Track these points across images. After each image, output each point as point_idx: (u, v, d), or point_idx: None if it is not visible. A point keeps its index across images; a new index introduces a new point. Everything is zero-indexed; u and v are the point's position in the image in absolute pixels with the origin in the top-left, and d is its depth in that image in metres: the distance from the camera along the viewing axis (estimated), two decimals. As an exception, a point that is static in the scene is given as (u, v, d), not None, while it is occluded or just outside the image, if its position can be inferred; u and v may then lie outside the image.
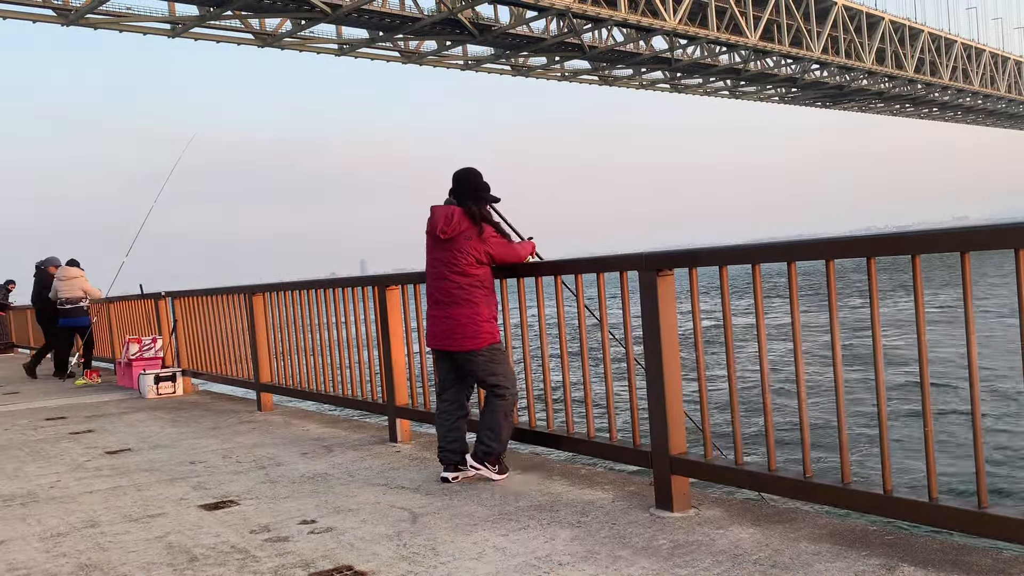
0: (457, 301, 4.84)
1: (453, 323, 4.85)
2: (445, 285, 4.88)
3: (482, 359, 4.85)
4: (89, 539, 4.32)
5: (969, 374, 3.11)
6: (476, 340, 4.82)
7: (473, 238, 4.82)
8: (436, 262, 4.95)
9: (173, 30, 58.89)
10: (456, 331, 4.84)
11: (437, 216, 4.91)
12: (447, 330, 4.88)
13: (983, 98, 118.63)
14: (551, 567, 3.44)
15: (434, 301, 4.98)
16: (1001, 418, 13.41)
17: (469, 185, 4.94)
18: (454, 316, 4.85)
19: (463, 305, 4.84)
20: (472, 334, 4.82)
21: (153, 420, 8.52)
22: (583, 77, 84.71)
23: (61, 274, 13.34)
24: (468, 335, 4.82)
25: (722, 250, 4.01)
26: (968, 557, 3.20)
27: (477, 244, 4.82)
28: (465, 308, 4.83)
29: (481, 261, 4.84)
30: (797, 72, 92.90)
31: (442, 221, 4.85)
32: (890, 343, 20.13)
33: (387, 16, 63.60)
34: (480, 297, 4.85)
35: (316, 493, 4.98)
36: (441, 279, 4.90)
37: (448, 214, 4.85)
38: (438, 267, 4.93)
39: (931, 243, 3.25)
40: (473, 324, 4.82)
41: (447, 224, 4.84)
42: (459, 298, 4.84)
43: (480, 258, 4.83)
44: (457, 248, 4.83)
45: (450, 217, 4.84)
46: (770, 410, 3.83)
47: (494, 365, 4.87)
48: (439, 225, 4.86)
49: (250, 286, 8.66)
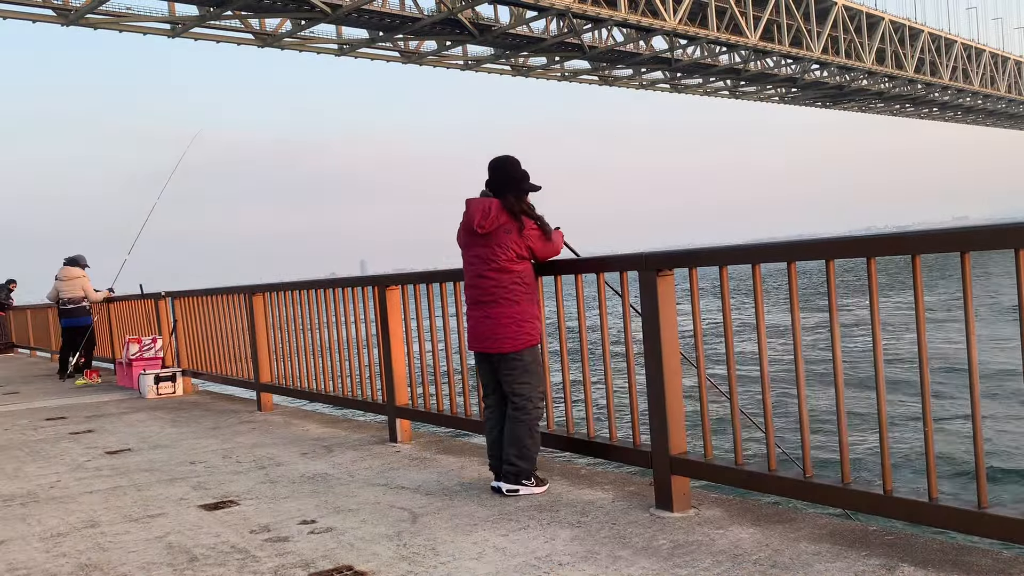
0: (497, 300, 4.55)
1: (492, 323, 4.56)
2: (483, 283, 4.59)
3: (518, 364, 4.56)
4: (89, 539, 4.32)
5: (969, 374, 3.11)
6: (515, 341, 4.54)
7: (513, 232, 4.51)
8: (474, 259, 4.64)
9: (173, 30, 58.88)
10: (496, 332, 4.55)
11: (473, 209, 4.59)
12: (487, 331, 4.59)
13: (983, 98, 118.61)
14: (551, 567, 3.44)
15: (473, 301, 4.68)
16: (999, 419, 13.41)
17: (507, 175, 4.60)
18: (493, 316, 4.56)
19: (503, 304, 4.54)
20: (512, 335, 4.53)
21: (153, 420, 8.52)
22: (583, 77, 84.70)
23: (62, 274, 13.34)
24: (508, 336, 4.53)
25: (722, 250, 4.01)
26: (968, 557, 3.20)
27: (517, 238, 4.51)
28: (505, 307, 4.54)
29: (522, 256, 4.54)
30: (797, 72, 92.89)
31: (479, 215, 4.54)
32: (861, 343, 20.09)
33: (387, 16, 63.59)
34: (521, 295, 4.55)
35: (316, 493, 4.98)
36: (479, 277, 4.60)
37: (485, 207, 4.53)
38: (476, 264, 4.62)
39: (931, 243, 3.25)
40: (514, 324, 4.54)
41: (484, 218, 4.52)
42: (498, 296, 4.54)
43: (521, 253, 4.53)
44: (496, 243, 4.52)
45: (487, 210, 4.52)
46: (770, 410, 3.83)
47: (527, 375, 4.58)
48: (476, 219, 4.54)
49: (250, 286, 8.66)
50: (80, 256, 13.58)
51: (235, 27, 61.16)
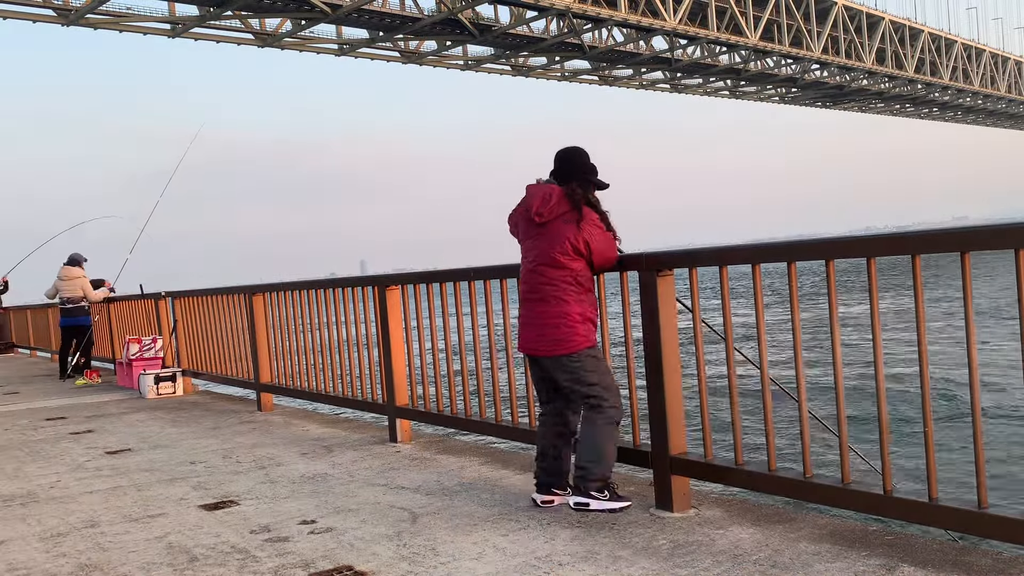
0: (545, 298, 4.17)
1: (539, 323, 4.19)
2: (535, 279, 4.21)
3: (574, 365, 4.15)
4: (89, 539, 4.32)
5: (969, 374, 3.12)
6: (567, 344, 4.13)
7: (572, 224, 4.12)
8: (528, 251, 4.28)
9: (173, 30, 58.90)
10: (544, 333, 4.18)
11: (532, 195, 4.21)
12: (534, 332, 4.22)
13: (983, 98, 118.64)
14: (551, 567, 3.44)
15: (523, 297, 4.31)
16: (997, 418, 13.42)
17: (573, 165, 4.25)
18: (540, 315, 4.19)
19: (551, 302, 4.16)
20: (562, 337, 4.14)
21: (153, 420, 8.52)
22: (583, 77, 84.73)
23: (62, 274, 13.34)
24: (557, 338, 4.15)
25: (722, 250, 4.01)
26: (968, 557, 3.20)
27: (576, 231, 4.11)
28: (553, 306, 4.15)
29: (579, 252, 4.12)
30: (797, 72, 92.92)
31: (538, 201, 4.16)
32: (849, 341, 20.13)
33: (387, 16, 63.62)
34: (572, 295, 4.15)
35: (316, 493, 4.98)
36: (531, 272, 4.23)
37: (546, 193, 4.16)
38: (529, 258, 4.26)
39: (931, 243, 3.26)
40: (565, 325, 4.14)
41: (544, 205, 4.15)
42: (548, 294, 4.16)
43: (579, 248, 4.12)
44: (553, 235, 4.14)
45: (548, 197, 4.15)
46: (770, 410, 3.84)
47: (587, 373, 4.15)
48: (534, 206, 4.16)
49: (250, 286, 8.66)
50: (78, 254, 13.61)
51: (235, 27, 61.20)
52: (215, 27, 60.42)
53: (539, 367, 4.31)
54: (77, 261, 13.44)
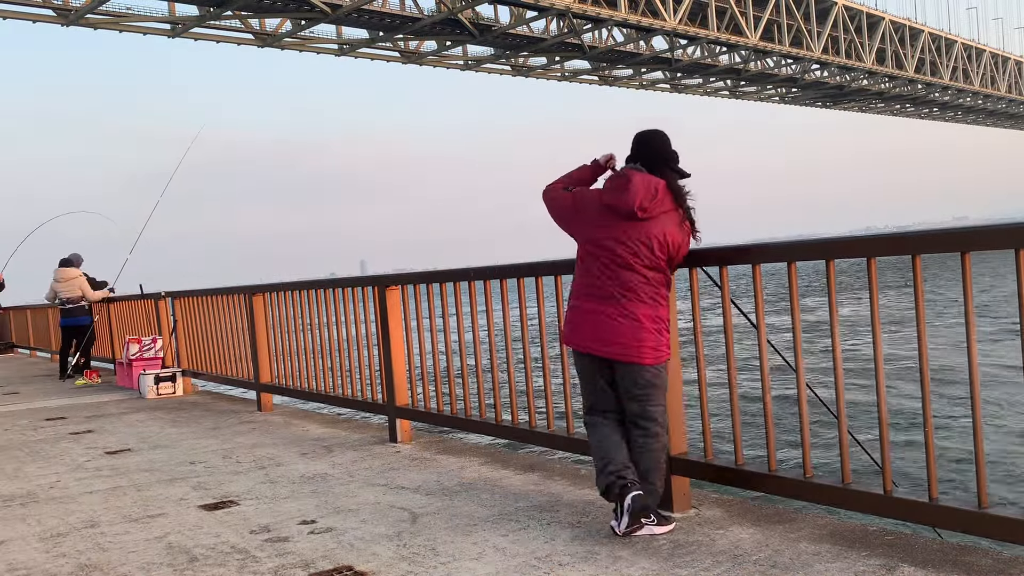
0: (642, 299, 3.78)
1: (631, 325, 3.78)
2: (628, 276, 3.78)
3: (657, 380, 3.84)
4: (89, 539, 4.32)
5: (969, 374, 3.12)
6: (656, 352, 3.82)
7: (672, 222, 3.81)
8: (616, 243, 3.79)
9: (173, 30, 58.91)
10: (638, 335, 3.77)
11: (638, 186, 3.76)
12: (617, 333, 3.79)
13: (983, 98, 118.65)
14: (551, 567, 3.44)
15: (605, 294, 3.82)
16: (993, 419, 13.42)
17: (658, 153, 3.88)
18: (634, 317, 3.77)
19: (648, 304, 3.79)
20: (653, 344, 3.80)
21: (153, 420, 8.52)
22: (583, 77, 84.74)
23: (59, 275, 13.34)
24: (648, 344, 3.78)
25: (722, 250, 4.01)
26: (968, 557, 3.19)
27: (676, 232, 3.81)
28: (649, 309, 3.79)
29: (671, 251, 3.82)
30: (797, 72, 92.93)
31: (645, 194, 3.75)
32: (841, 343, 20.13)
33: (387, 16, 63.64)
34: (663, 297, 3.85)
35: (316, 493, 4.98)
36: (623, 268, 3.78)
37: (653, 187, 3.77)
38: (619, 251, 3.78)
39: (931, 243, 3.26)
40: (657, 331, 3.81)
41: (651, 199, 3.76)
42: (645, 296, 3.79)
43: (675, 249, 3.82)
44: (653, 232, 3.77)
45: (654, 191, 3.76)
46: (770, 410, 3.84)
47: (660, 393, 3.87)
48: (639, 199, 3.74)
49: (250, 286, 8.66)
50: (75, 255, 13.62)
51: (235, 27, 61.22)
52: (215, 27, 60.43)
53: (611, 371, 3.89)
54: (72, 261, 13.44)
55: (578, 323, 3.92)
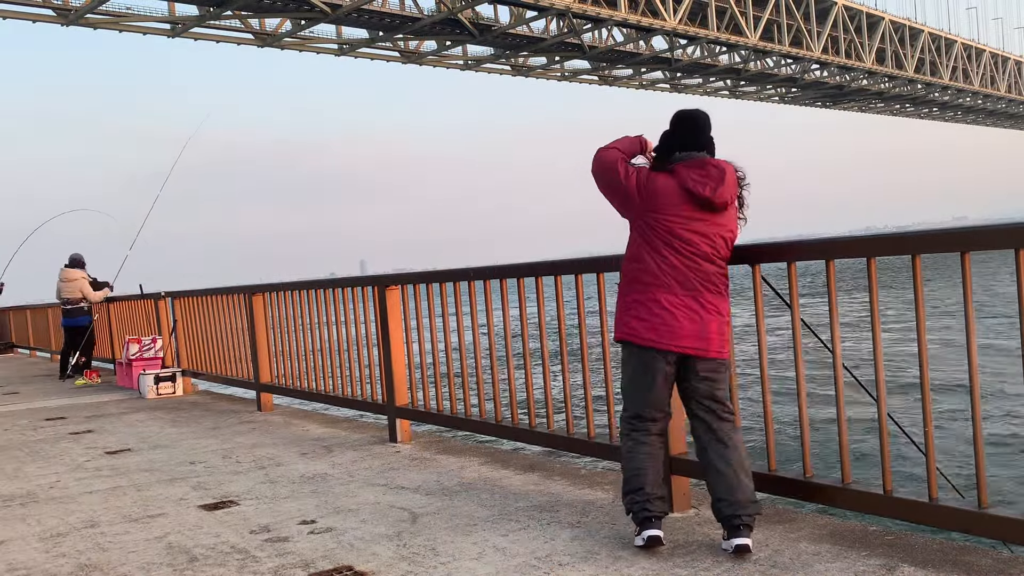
0: (721, 292, 3.60)
1: (709, 318, 3.55)
2: (708, 269, 3.55)
3: (724, 369, 3.63)
4: (89, 539, 4.32)
5: (969, 374, 3.12)
6: (723, 343, 3.60)
7: (734, 212, 3.62)
8: (699, 237, 3.53)
9: (173, 30, 58.90)
10: (710, 328, 3.54)
11: (712, 172, 3.52)
12: (695, 327, 3.53)
13: (983, 98, 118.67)
14: (551, 567, 3.44)
15: (689, 286, 3.53)
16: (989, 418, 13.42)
17: (708, 138, 3.66)
18: (711, 310, 3.55)
19: (724, 297, 3.62)
20: (719, 334, 3.58)
21: (153, 420, 8.52)
22: (583, 77, 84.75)
23: (62, 276, 13.40)
24: (715, 335, 3.56)
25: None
26: (968, 557, 3.20)
27: (735, 222, 3.63)
28: (722, 302, 3.60)
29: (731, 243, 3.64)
30: (797, 72, 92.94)
31: (729, 184, 3.52)
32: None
33: (387, 16, 63.63)
34: (726, 288, 3.65)
35: (316, 493, 4.98)
36: (704, 259, 3.54)
37: (729, 175, 3.55)
38: (695, 242, 3.53)
39: (931, 243, 3.26)
40: (725, 323, 3.63)
41: (726, 187, 3.52)
42: (720, 288, 3.59)
43: (734, 240, 3.65)
44: (722, 221, 3.56)
45: (730, 180, 3.55)
46: (770, 410, 3.84)
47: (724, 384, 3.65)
48: (723, 188, 3.50)
49: (250, 286, 8.66)
50: (78, 256, 13.63)
51: (235, 27, 61.21)
52: (215, 27, 60.43)
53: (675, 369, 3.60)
54: (77, 262, 13.49)
55: (657, 318, 3.54)
